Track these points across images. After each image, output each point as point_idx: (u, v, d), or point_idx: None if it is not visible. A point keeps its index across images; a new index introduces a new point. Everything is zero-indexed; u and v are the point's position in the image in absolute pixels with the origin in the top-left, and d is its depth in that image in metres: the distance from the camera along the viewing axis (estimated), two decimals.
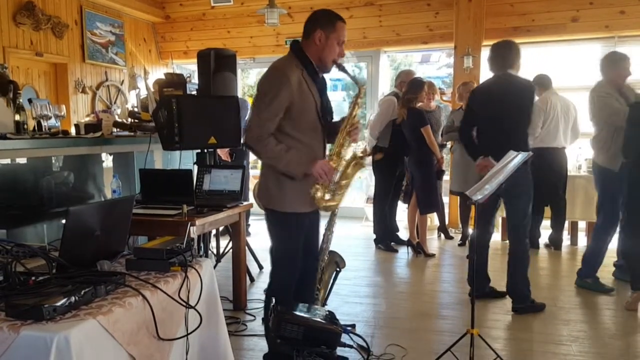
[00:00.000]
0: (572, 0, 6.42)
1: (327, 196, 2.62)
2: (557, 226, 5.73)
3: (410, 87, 5.26)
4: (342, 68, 2.64)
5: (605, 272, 4.46)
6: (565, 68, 6.97)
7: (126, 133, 4.16)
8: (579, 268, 4.37)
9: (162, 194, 3.46)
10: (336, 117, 2.76)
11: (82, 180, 3.93)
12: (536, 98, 5.49)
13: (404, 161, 5.61)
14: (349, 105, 2.67)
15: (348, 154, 2.67)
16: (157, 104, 3.91)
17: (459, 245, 5.91)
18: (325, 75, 2.73)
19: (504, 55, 3.77)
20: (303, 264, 2.75)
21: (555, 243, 5.75)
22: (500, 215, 5.34)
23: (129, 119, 4.45)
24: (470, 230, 5.85)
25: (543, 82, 5.52)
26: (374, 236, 5.88)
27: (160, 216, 3.18)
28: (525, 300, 3.83)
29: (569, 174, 5.62)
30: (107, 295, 1.72)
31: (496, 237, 4.13)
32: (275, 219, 2.68)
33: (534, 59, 6.92)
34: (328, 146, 2.75)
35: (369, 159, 5.79)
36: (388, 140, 5.53)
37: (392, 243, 5.80)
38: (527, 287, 3.83)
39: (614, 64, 4.04)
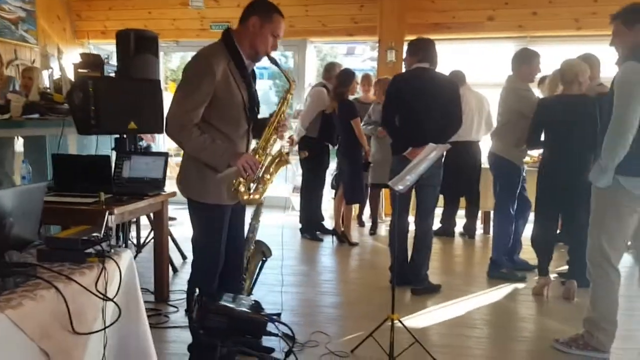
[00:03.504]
0: None
1: (250, 190, 2.57)
2: (471, 216, 6.04)
3: (341, 79, 5.28)
4: (274, 61, 2.61)
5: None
6: (482, 65, 7.31)
7: (37, 116, 3.90)
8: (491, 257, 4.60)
9: (77, 180, 3.29)
10: (262, 106, 2.72)
11: None
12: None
13: (329, 151, 5.68)
14: (279, 101, 2.64)
15: (274, 149, 2.64)
16: (72, 85, 3.70)
17: (370, 234, 6.09)
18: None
19: (426, 49, 3.97)
20: (228, 256, 2.70)
21: (469, 232, 6.05)
22: None
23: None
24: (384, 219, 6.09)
25: (458, 78, 5.75)
26: (300, 225, 5.91)
27: (75, 204, 3.01)
28: (425, 281, 4.10)
29: (482, 166, 5.89)
30: (16, 287, 1.62)
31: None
32: (197, 210, 2.61)
33: (454, 55, 7.18)
34: (253, 141, 2.70)
35: (296, 154, 5.83)
36: (317, 130, 5.57)
37: (318, 232, 5.86)
38: (427, 269, 4.12)
39: (527, 60, 4.28)
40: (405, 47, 6.70)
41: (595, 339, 2.99)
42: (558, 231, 4.44)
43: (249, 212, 2.99)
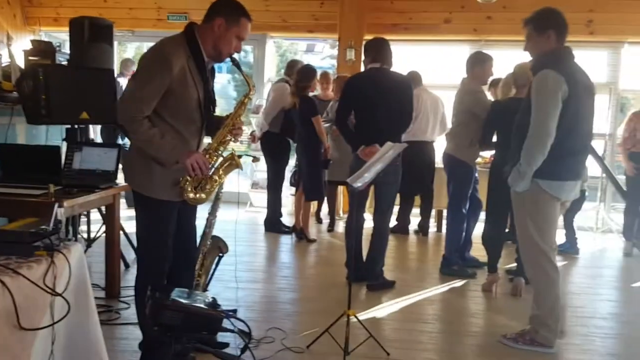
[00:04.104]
0: (446, 2, 6.84)
1: (196, 190, 2.50)
2: (425, 214, 6.15)
3: (302, 75, 5.25)
4: (236, 64, 2.56)
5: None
6: (438, 67, 7.45)
7: None
8: (443, 254, 4.70)
9: (25, 171, 3.16)
10: (220, 100, 2.68)
11: None
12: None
13: (290, 147, 5.69)
14: (236, 104, 2.60)
15: (226, 151, 2.59)
16: (21, 72, 3.57)
17: (328, 231, 6.12)
18: None
19: (378, 49, 3.99)
20: (180, 252, 2.64)
21: (423, 229, 6.16)
22: None
23: None
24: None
25: (414, 79, 5.84)
26: (261, 221, 5.88)
27: (23, 196, 2.89)
28: (380, 277, 4.16)
29: (436, 166, 5.98)
30: None
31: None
32: (142, 203, 2.52)
33: (411, 56, 7.29)
34: (207, 139, 2.64)
35: (260, 149, 5.81)
36: (279, 126, 5.56)
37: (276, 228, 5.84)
38: (383, 265, 4.19)
39: (480, 63, 4.40)
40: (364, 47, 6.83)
41: (540, 335, 3.10)
42: (507, 230, 4.60)
43: (206, 208, 2.95)
